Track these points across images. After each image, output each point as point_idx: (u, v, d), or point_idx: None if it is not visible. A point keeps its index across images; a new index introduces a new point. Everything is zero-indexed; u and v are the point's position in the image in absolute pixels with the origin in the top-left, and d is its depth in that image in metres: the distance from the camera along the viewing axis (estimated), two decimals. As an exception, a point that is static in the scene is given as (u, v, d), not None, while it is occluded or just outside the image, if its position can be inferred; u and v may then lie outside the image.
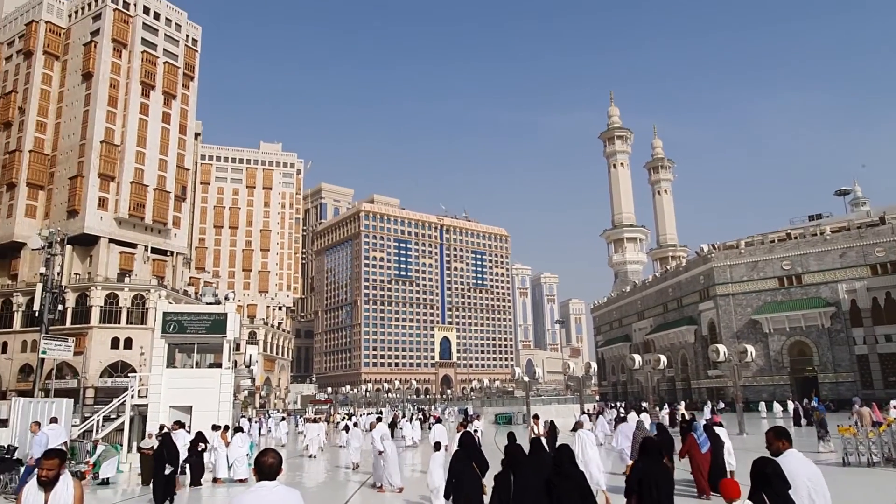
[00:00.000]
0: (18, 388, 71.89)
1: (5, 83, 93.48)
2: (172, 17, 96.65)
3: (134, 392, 27.47)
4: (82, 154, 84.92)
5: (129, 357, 76.28)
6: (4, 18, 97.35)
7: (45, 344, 19.50)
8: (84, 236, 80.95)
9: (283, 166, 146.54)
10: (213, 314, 27.21)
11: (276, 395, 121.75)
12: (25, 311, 76.66)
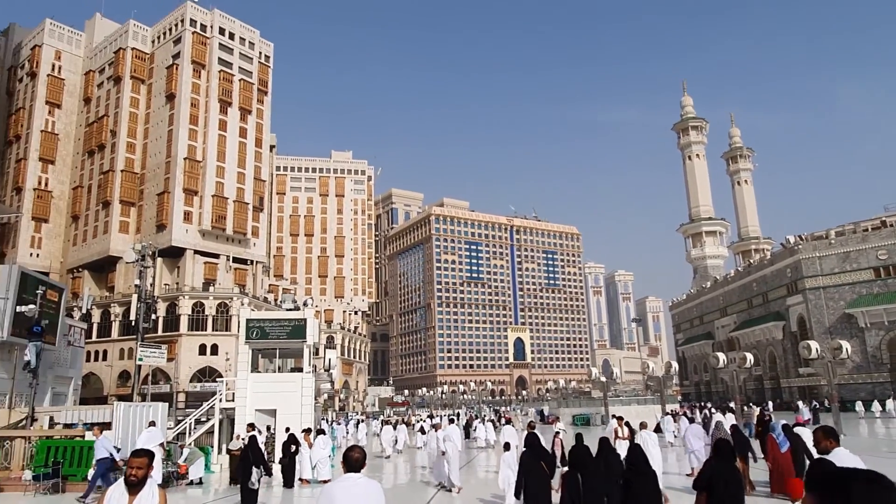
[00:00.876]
0: (118, 392, 76.62)
1: (98, 108, 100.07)
2: (246, 36, 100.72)
3: (222, 396, 28.74)
4: (168, 171, 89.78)
5: (216, 363, 79.90)
6: (95, 48, 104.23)
7: (141, 351, 20.80)
8: (172, 249, 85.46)
9: (354, 173, 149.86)
10: (293, 320, 28.10)
11: (354, 397, 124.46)
12: (122, 320, 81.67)
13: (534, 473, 9.69)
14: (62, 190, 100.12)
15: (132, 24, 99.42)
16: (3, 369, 39.32)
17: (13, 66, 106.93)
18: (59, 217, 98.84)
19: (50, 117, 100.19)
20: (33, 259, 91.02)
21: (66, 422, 24.09)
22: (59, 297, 46.70)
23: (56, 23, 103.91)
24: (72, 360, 53.21)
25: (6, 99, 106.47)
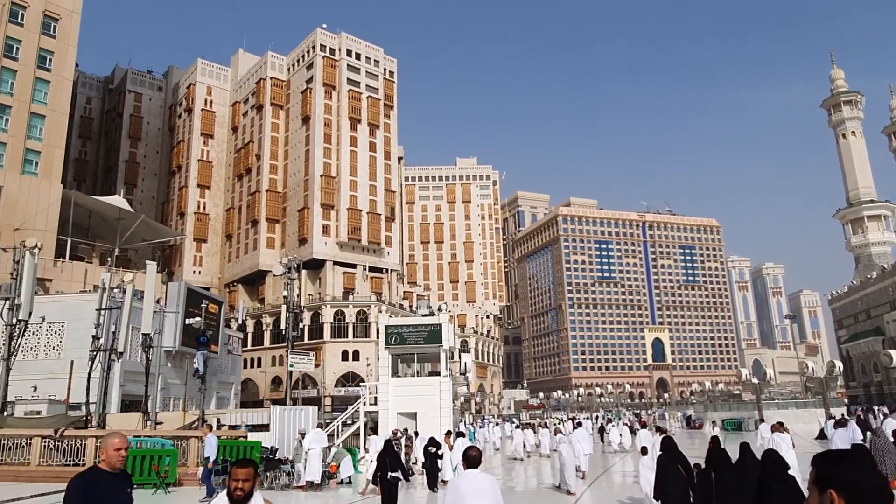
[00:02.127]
0: (271, 396, 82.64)
1: (244, 135, 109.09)
2: (371, 55, 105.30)
3: (365, 400, 30.10)
4: (307, 188, 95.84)
5: (358, 368, 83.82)
6: (240, 81, 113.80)
7: (292, 358, 22.35)
8: (313, 261, 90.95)
9: (479, 179, 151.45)
10: (429, 325, 28.80)
11: (489, 400, 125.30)
12: (272, 329, 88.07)
13: (671, 477, 9.84)
14: (217, 212, 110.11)
15: (270, 56, 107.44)
16: (176, 376, 43.78)
17: (173, 104, 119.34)
18: (215, 237, 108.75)
19: (204, 147, 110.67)
20: (196, 276, 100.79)
21: (231, 423, 26.36)
22: (219, 310, 51.23)
23: (206, 62, 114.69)
24: (232, 367, 58.17)
25: (168, 134, 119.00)
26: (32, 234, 49.72)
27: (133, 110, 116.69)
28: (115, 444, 4.63)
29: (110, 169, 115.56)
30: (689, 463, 10.30)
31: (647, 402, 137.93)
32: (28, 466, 20.17)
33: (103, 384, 25.11)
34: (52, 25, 74.48)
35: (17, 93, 70.69)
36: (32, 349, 39.11)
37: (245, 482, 4.32)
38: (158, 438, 19.71)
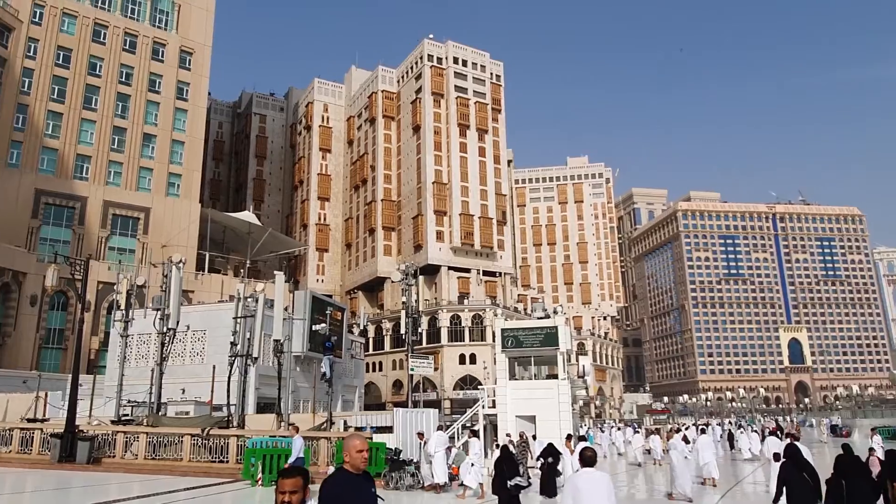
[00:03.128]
0: (393, 399, 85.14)
1: (359, 148, 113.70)
2: (477, 60, 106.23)
3: (484, 403, 30.28)
4: (419, 196, 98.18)
5: (475, 371, 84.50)
6: (353, 96, 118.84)
7: (412, 362, 22.98)
8: (428, 266, 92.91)
9: (591, 178, 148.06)
10: (545, 328, 28.53)
11: (610, 404, 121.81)
12: (392, 334, 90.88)
13: (795, 485, 9.64)
14: (337, 222, 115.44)
15: (380, 69, 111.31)
16: (305, 379, 46.26)
17: (294, 122, 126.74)
18: (335, 246, 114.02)
19: (323, 161, 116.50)
20: (319, 284, 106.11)
21: (357, 425, 27.47)
22: (342, 316, 53.58)
23: (322, 80, 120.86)
24: (355, 370, 60.60)
25: (290, 151, 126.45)
26: (177, 251, 54.58)
27: (258, 131, 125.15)
28: (356, 447, 4.63)
29: (240, 187, 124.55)
30: (815, 470, 9.99)
31: (784, 408, 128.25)
32: (180, 462, 22.12)
33: (241, 387, 27.06)
34: (187, 59, 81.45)
35: (161, 122, 77.93)
36: (180, 355, 42.86)
37: (293, 494, 3.89)
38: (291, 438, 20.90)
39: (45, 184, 68.74)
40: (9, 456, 24.13)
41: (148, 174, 75.67)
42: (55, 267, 25.51)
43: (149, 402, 29.34)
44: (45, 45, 71.50)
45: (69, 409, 23.39)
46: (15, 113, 68.67)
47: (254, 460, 19.31)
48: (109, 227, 71.78)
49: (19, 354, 60.81)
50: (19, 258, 61.99)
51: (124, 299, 31.20)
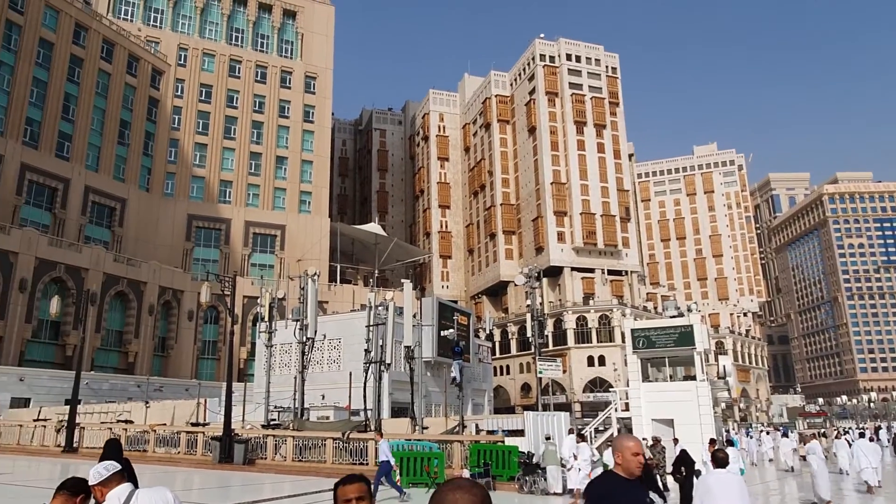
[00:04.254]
0: (521, 403, 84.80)
1: (476, 154, 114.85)
2: (591, 55, 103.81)
3: (616, 406, 29.39)
4: (539, 197, 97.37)
5: (604, 373, 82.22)
6: (467, 103, 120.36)
7: (540, 365, 22.82)
8: (551, 268, 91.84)
9: (721, 165, 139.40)
10: (679, 327, 27.23)
11: (756, 407, 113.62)
12: (518, 337, 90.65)
13: None
14: (458, 229, 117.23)
15: (493, 74, 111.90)
16: (435, 384, 47.27)
17: (412, 134, 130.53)
18: (458, 252, 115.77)
19: (441, 170, 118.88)
20: (444, 290, 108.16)
21: (488, 429, 27.69)
22: (468, 321, 54.21)
23: (437, 91, 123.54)
24: (483, 374, 61.05)
25: (410, 162, 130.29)
26: (311, 264, 57.95)
27: (379, 145, 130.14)
28: (631, 448, 4.10)
29: (365, 200, 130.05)
30: None
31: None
32: (324, 464, 23.39)
33: (376, 392, 28.19)
34: (312, 84, 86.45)
35: (291, 145, 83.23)
36: (318, 363, 45.39)
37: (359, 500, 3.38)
38: (426, 442, 21.46)
39: (195, 209, 75.64)
40: (178, 456, 26.72)
41: (282, 194, 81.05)
42: (207, 284, 28.00)
43: (293, 407, 31.33)
44: (190, 83, 78.81)
45: (225, 415, 25.50)
46: (168, 147, 76.25)
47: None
48: (251, 245, 77.59)
49: (181, 364, 67.23)
50: (177, 278, 68.65)
51: (267, 312, 33.59)
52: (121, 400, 48.61)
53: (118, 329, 63.36)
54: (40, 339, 56.98)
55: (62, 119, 65.00)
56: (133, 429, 29.67)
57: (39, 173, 61.98)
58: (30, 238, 55.61)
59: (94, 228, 66.70)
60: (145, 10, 79.09)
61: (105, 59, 69.97)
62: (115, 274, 61.89)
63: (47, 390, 49.16)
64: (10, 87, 60.81)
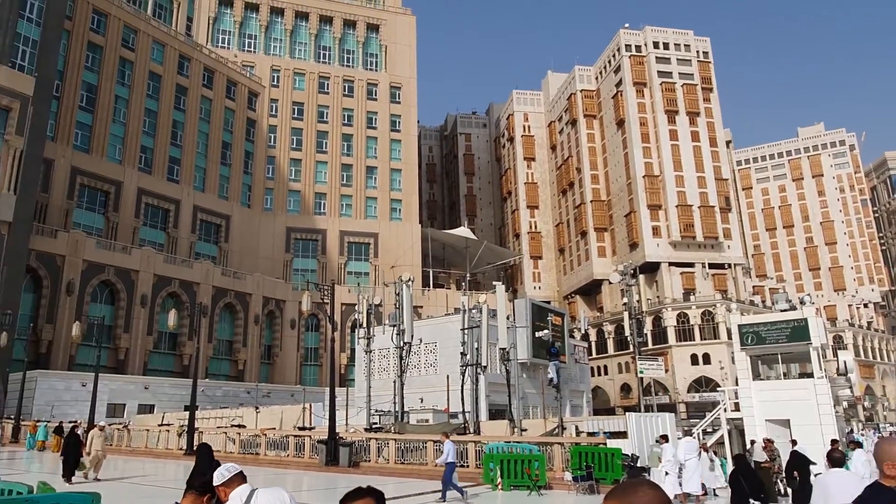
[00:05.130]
0: (622, 404, 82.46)
1: (563, 152, 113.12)
2: (679, 41, 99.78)
3: (725, 406, 27.97)
4: (630, 192, 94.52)
5: (710, 372, 78.46)
6: (552, 101, 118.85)
7: (640, 364, 22.09)
8: (647, 264, 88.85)
9: (830, 147, 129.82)
10: (791, 321, 25.57)
11: (883, 405, 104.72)
12: (615, 337, 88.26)
13: None
14: (548, 229, 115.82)
15: (577, 69, 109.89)
16: (532, 386, 46.86)
17: (497, 136, 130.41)
18: (549, 252, 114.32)
19: (528, 170, 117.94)
20: (536, 291, 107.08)
21: (589, 430, 27.11)
22: (562, 321, 53.40)
23: (520, 91, 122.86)
24: (580, 375, 59.91)
25: (496, 164, 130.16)
26: (404, 270, 59.08)
27: (465, 149, 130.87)
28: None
29: (453, 205, 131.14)
30: None
31: None
32: (426, 466, 23.71)
33: (473, 395, 28.30)
34: (397, 94, 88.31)
35: (379, 155, 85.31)
36: (416, 366, 46.14)
37: None
38: (526, 444, 21.29)
39: (293, 222, 79.07)
40: (287, 459, 27.95)
41: (373, 203, 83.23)
42: (308, 293, 29.14)
43: (393, 410, 31.99)
44: (283, 103, 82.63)
45: (329, 419, 26.42)
46: (265, 164, 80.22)
47: (492, 465, 19.98)
48: (346, 254, 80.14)
49: (285, 371, 70.36)
50: (279, 288, 71.98)
51: (364, 318, 34.54)
52: (233, 405, 51.49)
53: (228, 339, 67.23)
54: (160, 349, 61.43)
55: (171, 144, 69.94)
56: (245, 433, 31.31)
57: (154, 196, 66.93)
58: (148, 257, 60.15)
59: (203, 245, 71.19)
60: (240, 36, 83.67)
61: (206, 85, 74.69)
62: (223, 287, 65.77)
63: (169, 397, 52.84)
64: (126, 118, 66.16)
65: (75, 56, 62.13)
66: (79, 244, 55.68)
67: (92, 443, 19.69)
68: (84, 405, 42.11)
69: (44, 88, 51.85)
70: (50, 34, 53.34)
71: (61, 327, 52.78)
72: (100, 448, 19.88)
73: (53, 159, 58.02)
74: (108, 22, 65.76)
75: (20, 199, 49.00)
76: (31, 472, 24.08)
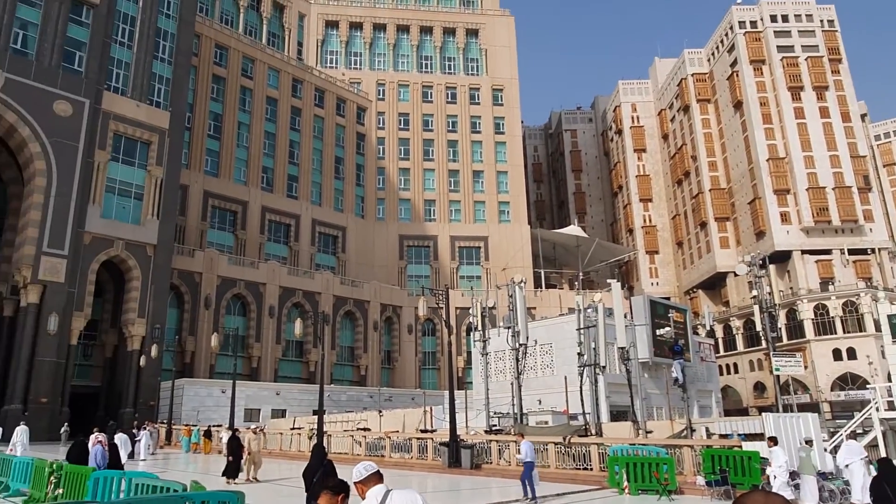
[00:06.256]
0: (756, 404, 77.28)
1: (675, 140, 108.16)
2: (800, 11, 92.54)
3: (878, 404, 25.46)
4: (753, 177, 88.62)
5: (856, 367, 71.73)
6: (660, 88, 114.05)
7: (776, 361, 20.56)
8: (776, 253, 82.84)
9: None
10: (953, 309, 22.85)
11: None
12: (744, 332, 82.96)
13: None
14: (663, 222, 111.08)
15: (686, 53, 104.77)
16: (655, 386, 45.06)
17: (604, 130, 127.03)
18: (665, 247, 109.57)
19: (639, 162, 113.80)
20: (654, 287, 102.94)
21: (721, 432, 25.63)
22: (684, 318, 50.98)
23: (626, 81, 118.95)
24: (707, 374, 56.83)
25: (605, 159, 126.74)
26: (515, 272, 58.90)
27: (571, 146, 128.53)
28: None
29: (562, 203, 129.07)
30: None
31: None
32: (548, 469, 23.42)
33: (593, 396, 27.63)
34: (499, 96, 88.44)
35: (485, 158, 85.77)
36: (532, 368, 45.78)
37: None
38: (652, 447, 20.47)
39: (405, 230, 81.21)
40: (411, 461, 28.64)
41: (481, 206, 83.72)
42: (424, 299, 29.75)
43: (512, 413, 31.91)
44: (389, 115, 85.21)
45: (450, 422, 26.78)
46: (376, 175, 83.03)
47: (617, 468, 19.39)
48: (458, 258, 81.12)
49: (405, 375, 72.24)
50: (395, 295, 74.16)
51: (479, 321, 34.74)
52: (357, 409, 53.53)
53: (349, 345, 70.09)
54: (288, 357, 65.12)
55: (289, 163, 74.18)
56: (371, 436, 32.43)
57: (276, 213, 71.24)
58: (273, 270, 64.04)
59: (322, 256, 74.78)
60: (346, 55, 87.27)
61: (318, 105, 78.62)
62: (343, 295, 68.69)
63: (298, 402, 55.87)
64: (248, 142, 70.98)
65: (202, 89, 67.54)
66: (213, 261, 60.31)
67: (249, 445, 21.29)
68: (225, 410, 45.50)
69: (177, 121, 56.70)
70: (180, 71, 58.29)
71: (202, 339, 57.35)
72: (256, 450, 21.47)
73: (188, 185, 63.27)
74: (228, 55, 70.93)
75: (162, 223, 53.84)
76: (186, 471, 26.34)
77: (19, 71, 47.07)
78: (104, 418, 45.86)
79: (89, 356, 54.81)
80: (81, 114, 49.52)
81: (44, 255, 46.12)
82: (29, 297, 45.76)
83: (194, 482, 9.44)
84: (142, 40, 55.28)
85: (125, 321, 51.52)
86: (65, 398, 46.93)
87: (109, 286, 54.84)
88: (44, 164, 47.17)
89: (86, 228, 48.90)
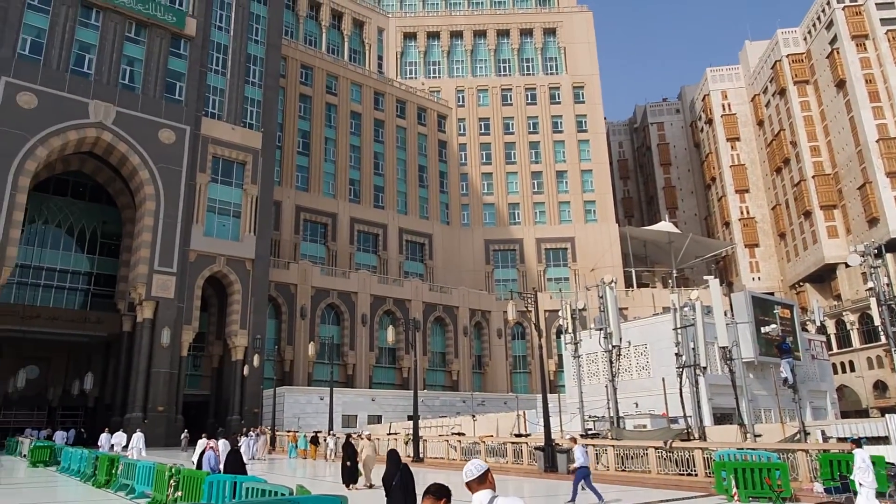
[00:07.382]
0: (877, 404, 71.56)
1: (772, 126, 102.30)
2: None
3: None
4: (862, 161, 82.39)
5: None
6: (753, 73, 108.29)
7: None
8: (892, 241, 76.48)
9: None
10: None
11: None
12: (860, 327, 77.08)
13: None
14: (762, 213, 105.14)
15: (780, 34, 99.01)
16: (761, 387, 42.63)
17: (693, 120, 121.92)
18: (766, 239, 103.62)
19: (733, 152, 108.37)
20: (755, 283, 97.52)
21: (838, 435, 23.90)
22: (791, 314, 48.02)
23: (714, 68, 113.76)
24: (820, 373, 53.21)
25: (695, 150, 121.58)
26: (604, 272, 57.54)
27: (658, 140, 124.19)
28: None
29: (651, 199, 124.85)
30: None
31: None
32: (648, 474, 22.64)
33: (694, 398, 26.46)
34: (580, 94, 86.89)
35: (568, 158, 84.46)
36: (626, 370, 44.48)
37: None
38: (762, 451, 19.35)
39: (490, 234, 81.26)
40: (506, 466, 28.50)
41: (566, 207, 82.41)
42: (513, 303, 29.61)
43: (608, 416, 31.11)
44: (470, 121, 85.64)
45: (544, 426, 26.45)
46: (459, 182, 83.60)
47: (725, 474, 18.47)
48: (544, 260, 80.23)
49: (496, 379, 72.09)
50: (483, 299, 74.24)
51: (569, 323, 34.15)
52: (450, 414, 53.90)
53: (440, 351, 70.76)
54: (382, 364, 66.54)
55: (374, 174, 76.07)
56: (465, 440, 32.56)
57: (364, 223, 73.18)
58: (364, 279, 65.76)
59: (410, 263, 76.03)
60: (425, 65, 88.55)
61: (399, 116, 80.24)
62: (432, 302, 69.51)
63: (393, 408, 56.94)
64: (334, 156, 73.41)
65: (290, 108, 70.54)
66: (307, 273, 62.67)
67: (363, 451, 21.93)
68: (323, 416, 47.05)
69: (269, 141, 59.48)
70: (269, 93, 61.15)
71: (299, 348, 59.64)
72: (370, 454, 22.10)
73: (281, 200, 66.15)
74: (313, 74, 73.75)
75: (259, 238, 56.55)
76: (294, 476, 27.46)
77: (128, 104, 50.89)
78: (214, 425, 48.61)
79: (198, 367, 58.27)
80: (183, 140, 52.91)
81: (155, 273, 49.50)
82: (144, 313, 49.23)
83: (300, 486, 9.81)
84: (234, 67, 58.45)
85: (229, 333, 54.41)
86: (178, 406, 50.04)
87: (213, 300, 58.13)
88: (152, 188, 50.70)
89: (191, 247, 52.10)
